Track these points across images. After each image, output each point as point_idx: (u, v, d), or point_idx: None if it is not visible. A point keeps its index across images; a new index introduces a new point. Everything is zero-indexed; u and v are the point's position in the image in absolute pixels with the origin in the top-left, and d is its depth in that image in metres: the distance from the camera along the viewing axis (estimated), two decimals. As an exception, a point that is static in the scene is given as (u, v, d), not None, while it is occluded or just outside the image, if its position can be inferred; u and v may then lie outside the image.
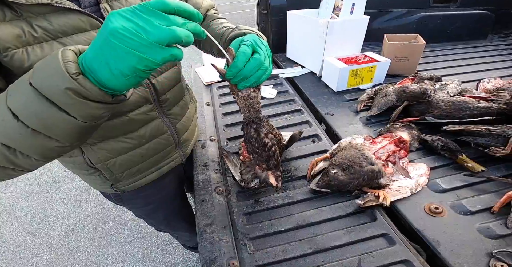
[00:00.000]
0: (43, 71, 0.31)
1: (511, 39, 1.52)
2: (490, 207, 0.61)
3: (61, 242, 1.74)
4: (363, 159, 0.62)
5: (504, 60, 1.25)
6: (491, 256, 0.52)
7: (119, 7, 0.51)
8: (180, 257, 1.60)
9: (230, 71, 0.44)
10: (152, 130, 0.63)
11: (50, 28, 0.41)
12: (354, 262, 0.55)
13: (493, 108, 0.71)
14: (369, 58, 1.09)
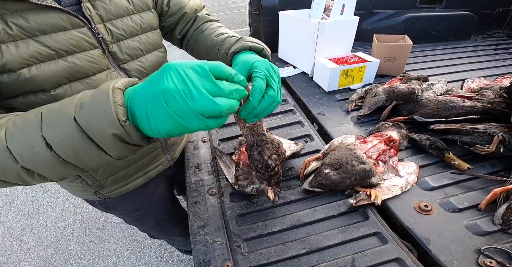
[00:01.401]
0: (91, 111, 0.30)
1: (494, 40, 1.57)
2: (477, 204, 0.62)
3: (50, 246, 1.67)
4: (355, 158, 0.62)
5: (487, 60, 1.29)
6: (479, 253, 0.53)
7: (102, 7, 0.48)
8: (174, 259, 1.57)
9: (245, 111, 0.39)
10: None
11: (27, 26, 0.39)
12: (347, 261, 0.55)
13: (477, 107, 0.73)
14: (359, 59, 1.10)
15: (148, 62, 0.58)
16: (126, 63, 0.54)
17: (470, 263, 0.52)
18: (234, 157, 0.73)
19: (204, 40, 0.63)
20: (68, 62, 0.44)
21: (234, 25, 5.36)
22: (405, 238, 0.59)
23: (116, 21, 0.51)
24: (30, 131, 0.31)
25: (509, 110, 0.70)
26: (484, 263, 0.51)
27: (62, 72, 0.44)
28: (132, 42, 0.54)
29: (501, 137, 0.65)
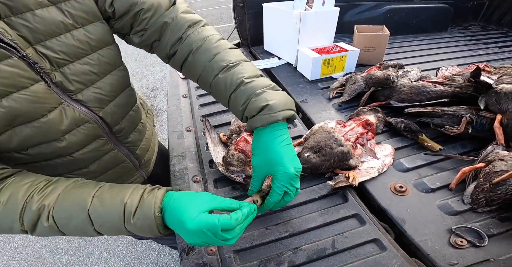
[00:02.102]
0: (140, 229, 0.40)
1: (469, 31, 1.62)
2: (449, 184, 0.63)
3: (38, 245, 1.63)
4: (333, 141, 0.63)
5: (462, 50, 1.32)
6: (451, 233, 0.54)
7: (22, 25, 0.36)
8: (166, 253, 1.56)
9: (261, 210, 0.50)
10: (106, 163, 0.55)
11: None
12: (328, 243, 0.56)
13: (448, 92, 0.75)
14: (341, 48, 1.11)
15: (108, 86, 0.47)
16: (80, 93, 0.44)
17: (443, 242, 0.53)
18: (223, 136, 0.72)
19: (203, 70, 0.48)
20: (3, 106, 0.34)
21: (223, 20, 5.26)
22: (383, 219, 0.61)
23: (50, 42, 0.39)
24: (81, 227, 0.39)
25: (476, 93, 0.72)
26: (455, 243, 0.52)
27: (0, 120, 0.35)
28: (80, 66, 0.42)
29: (469, 118, 0.67)
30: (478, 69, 0.68)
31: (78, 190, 0.40)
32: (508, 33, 1.56)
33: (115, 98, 0.51)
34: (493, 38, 1.48)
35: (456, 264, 0.49)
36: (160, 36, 0.49)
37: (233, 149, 0.65)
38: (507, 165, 0.56)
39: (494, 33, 1.56)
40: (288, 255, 0.54)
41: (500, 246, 0.51)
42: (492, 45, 1.38)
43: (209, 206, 0.40)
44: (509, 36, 1.51)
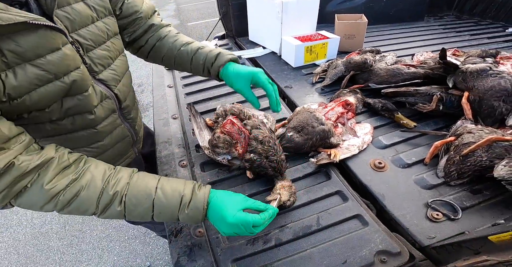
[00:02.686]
0: (188, 217, 0.47)
1: (444, 21, 1.68)
2: (423, 159, 0.66)
3: (29, 244, 1.57)
4: (315, 120, 0.64)
5: (436, 38, 1.37)
6: (428, 206, 0.56)
7: (65, 17, 0.43)
8: (160, 247, 1.54)
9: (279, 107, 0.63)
10: (116, 137, 0.61)
11: (20, 50, 0.37)
12: (313, 220, 0.57)
13: (420, 73, 0.79)
14: (322, 36, 1.12)
15: (118, 68, 0.57)
16: (101, 73, 0.52)
17: (421, 216, 0.55)
18: (209, 120, 0.72)
19: (168, 49, 0.65)
20: (65, 83, 0.43)
21: (210, 14, 5.15)
22: (364, 195, 0.62)
23: (82, 31, 0.47)
24: (144, 213, 0.45)
25: (446, 74, 0.76)
26: (432, 216, 0.54)
27: (59, 92, 0.43)
28: (101, 51, 0.51)
29: (440, 96, 0.71)
30: (443, 51, 0.71)
31: (143, 181, 0.46)
32: (479, 22, 1.63)
33: (122, 79, 0.59)
34: (465, 26, 1.55)
35: (434, 238, 0.51)
36: (142, 35, 0.65)
37: (219, 131, 0.65)
38: (474, 137, 0.60)
39: (466, 22, 1.63)
40: (275, 233, 0.55)
41: (473, 219, 0.54)
42: (464, 33, 1.44)
43: (243, 205, 0.48)
44: (480, 25, 1.58)
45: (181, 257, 0.52)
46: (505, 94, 0.65)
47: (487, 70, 0.68)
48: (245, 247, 0.54)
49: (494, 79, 0.66)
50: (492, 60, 0.72)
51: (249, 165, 0.60)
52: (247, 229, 0.46)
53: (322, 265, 0.49)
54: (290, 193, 0.56)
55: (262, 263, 0.51)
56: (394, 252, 0.50)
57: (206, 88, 1.00)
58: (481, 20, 1.66)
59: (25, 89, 0.38)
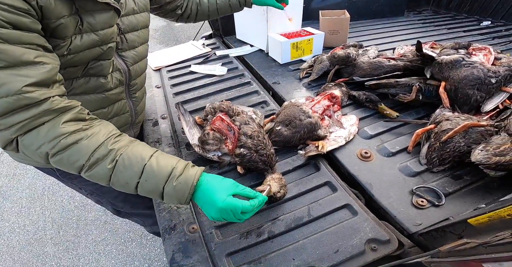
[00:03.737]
0: (175, 191, 0.45)
1: (423, 16, 1.72)
2: (407, 147, 0.68)
3: (23, 250, 1.52)
4: (302, 113, 0.64)
5: (416, 32, 1.41)
6: (412, 193, 0.57)
7: (119, 3, 0.53)
8: (157, 248, 1.52)
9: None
10: (116, 109, 0.64)
11: (93, 22, 0.48)
12: (304, 211, 0.57)
13: (399, 65, 0.81)
14: (308, 32, 1.13)
15: (140, 53, 0.65)
16: (125, 52, 0.61)
17: (407, 204, 0.56)
18: (198, 118, 0.71)
19: (210, 8, 0.86)
20: (103, 49, 0.52)
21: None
22: (353, 185, 0.63)
23: (124, 18, 0.58)
24: (130, 177, 0.44)
25: (423, 66, 0.78)
26: (417, 203, 0.55)
27: (98, 54, 0.52)
28: (132, 36, 0.61)
29: (419, 86, 0.73)
30: (419, 43, 0.73)
31: (142, 147, 0.47)
32: (455, 17, 1.68)
33: (140, 62, 0.66)
34: (443, 21, 1.59)
35: (421, 224, 0.52)
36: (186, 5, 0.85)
37: (209, 128, 0.64)
38: (452, 124, 0.62)
39: (443, 17, 1.68)
40: (268, 225, 0.56)
41: (456, 204, 0.55)
42: (442, 27, 1.48)
43: (234, 190, 0.48)
44: (456, 19, 1.63)
45: (175, 253, 0.52)
46: (478, 82, 0.67)
47: (460, 61, 0.70)
48: (239, 241, 0.54)
49: (467, 69, 0.68)
50: (465, 52, 0.75)
51: (239, 160, 0.60)
52: (235, 215, 0.46)
53: (315, 255, 0.50)
54: (280, 185, 0.57)
55: (256, 256, 0.51)
56: (384, 240, 0.51)
57: (194, 87, 0.99)
58: (457, 15, 1.71)
59: (82, 48, 0.48)
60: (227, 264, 0.50)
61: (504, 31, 1.38)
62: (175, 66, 1.16)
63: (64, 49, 0.45)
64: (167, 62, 1.18)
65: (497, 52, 0.79)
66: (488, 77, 0.67)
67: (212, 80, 1.02)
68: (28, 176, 1.97)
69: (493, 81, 0.67)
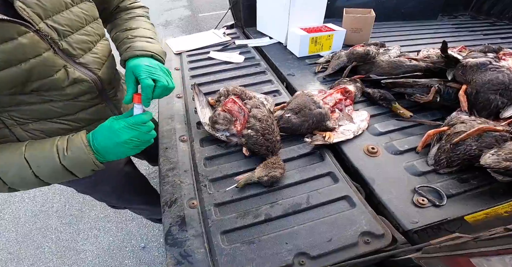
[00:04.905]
0: (74, 160, 0.48)
1: (458, 20, 1.69)
2: (416, 147, 0.70)
3: (28, 222, 1.66)
4: (312, 103, 0.68)
5: (447, 36, 1.39)
6: (415, 192, 0.59)
7: (35, 4, 0.45)
8: (156, 229, 1.60)
9: (146, 103, 0.55)
10: (92, 114, 0.63)
11: None
12: (303, 198, 0.61)
13: (421, 66, 0.83)
14: (328, 28, 1.16)
15: (101, 52, 0.60)
16: (82, 57, 0.55)
17: (407, 201, 0.58)
18: (211, 99, 0.78)
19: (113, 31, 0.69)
20: (22, 69, 0.45)
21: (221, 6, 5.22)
22: (355, 179, 0.66)
23: (56, 17, 0.49)
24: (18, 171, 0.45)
25: (446, 68, 0.79)
26: (417, 202, 0.57)
27: (19, 78, 0.45)
28: (80, 36, 0.54)
29: (437, 88, 0.74)
30: (444, 43, 0.75)
31: (11, 145, 0.48)
32: (495, 23, 1.63)
33: (106, 62, 0.62)
34: (480, 26, 1.56)
35: (417, 222, 0.54)
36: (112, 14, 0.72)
37: (220, 109, 0.70)
38: (466, 127, 0.63)
39: (482, 23, 1.63)
40: (266, 208, 0.59)
41: (456, 206, 0.56)
42: (477, 32, 1.45)
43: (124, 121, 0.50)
44: (496, 25, 1.58)
45: (172, 226, 0.56)
46: (502, 87, 0.68)
47: (486, 64, 0.71)
48: (236, 220, 0.58)
49: (493, 73, 0.69)
50: (494, 55, 0.75)
51: (245, 141, 0.65)
52: (142, 128, 0.50)
53: (308, 241, 0.53)
54: (267, 169, 0.60)
55: (251, 236, 0.55)
56: (378, 234, 0.53)
57: (211, 72, 1.06)
58: (498, 21, 1.66)
59: None
60: (221, 241, 0.54)
61: (547, 41, 1.33)
62: (195, 51, 1.24)
63: None
64: (188, 47, 1.27)
65: (529, 59, 0.78)
66: (513, 83, 0.68)
67: (228, 67, 1.08)
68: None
69: (517, 87, 0.67)
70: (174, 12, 5.12)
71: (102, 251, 1.51)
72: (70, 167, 0.48)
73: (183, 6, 5.45)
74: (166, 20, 4.72)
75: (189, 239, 0.54)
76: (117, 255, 1.50)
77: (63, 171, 0.48)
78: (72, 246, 1.53)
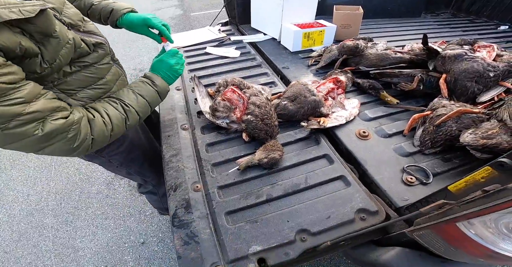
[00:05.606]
0: (161, 87, 0.69)
1: (440, 18, 1.79)
2: (403, 131, 0.76)
3: (23, 220, 1.63)
4: (307, 91, 0.73)
5: (429, 32, 1.48)
6: (403, 171, 0.64)
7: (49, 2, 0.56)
8: (154, 224, 1.60)
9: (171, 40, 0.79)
10: (114, 75, 0.73)
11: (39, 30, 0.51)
12: (302, 179, 0.65)
13: (405, 58, 0.90)
14: (320, 24, 1.22)
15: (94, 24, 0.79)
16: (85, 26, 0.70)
17: (397, 180, 0.63)
18: (211, 90, 0.81)
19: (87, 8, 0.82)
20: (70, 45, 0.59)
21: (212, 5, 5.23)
22: (349, 161, 0.71)
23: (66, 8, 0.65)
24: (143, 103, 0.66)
25: (428, 59, 0.85)
26: (407, 180, 0.62)
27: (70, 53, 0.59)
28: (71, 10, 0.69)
29: (420, 77, 0.80)
30: (425, 36, 0.81)
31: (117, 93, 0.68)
32: (474, 20, 1.74)
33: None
34: (460, 23, 1.66)
35: (408, 200, 0.59)
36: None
37: (220, 98, 0.74)
38: (447, 110, 0.69)
39: (462, 20, 1.74)
40: (267, 189, 0.63)
41: (442, 184, 0.59)
42: (457, 29, 1.55)
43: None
44: (474, 23, 1.69)
45: (178, 209, 0.58)
46: (477, 75, 0.74)
47: (463, 55, 0.78)
48: (239, 201, 0.61)
49: (468, 63, 0.76)
50: (469, 48, 0.82)
51: (245, 126, 0.69)
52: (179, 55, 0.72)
53: (308, 219, 0.57)
54: (267, 152, 0.64)
55: (253, 216, 0.58)
56: (373, 211, 0.57)
57: (208, 66, 1.10)
58: (476, 18, 1.77)
59: (55, 53, 0.54)
60: (226, 221, 0.57)
61: (520, 36, 1.44)
62: (191, 47, 1.28)
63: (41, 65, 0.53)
64: (184, 43, 1.30)
65: (500, 50, 0.86)
66: (487, 71, 0.75)
67: (225, 61, 1.12)
68: (37, 148, 2.11)
69: (491, 75, 0.74)
70: (165, 11, 5.10)
71: (100, 248, 1.50)
72: (160, 92, 0.69)
73: (174, 5, 5.43)
74: (157, 19, 4.69)
75: (195, 221, 0.56)
76: (116, 251, 1.49)
77: (157, 96, 0.68)
78: (70, 244, 1.51)
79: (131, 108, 0.64)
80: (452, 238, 0.47)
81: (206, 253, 0.51)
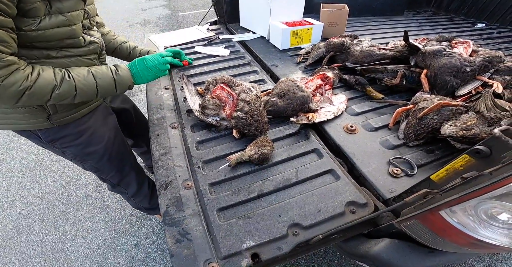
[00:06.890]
0: (122, 77, 0.71)
1: (422, 16, 1.84)
2: (388, 124, 0.78)
3: (9, 226, 1.56)
4: (296, 87, 0.74)
5: (411, 30, 1.52)
6: (389, 163, 0.66)
7: None
8: (147, 226, 1.58)
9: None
10: None
11: (61, 7, 0.61)
12: (292, 174, 0.65)
13: (389, 54, 0.92)
14: (308, 22, 1.23)
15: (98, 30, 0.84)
16: (93, 30, 0.78)
17: (384, 172, 0.64)
18: (200, 88, 0.80)
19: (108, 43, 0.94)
20: (73, 28, 0.65)
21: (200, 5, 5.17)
22: (338, 155, 0.72)
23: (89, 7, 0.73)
24: (91, 82, 0.67)
25: (410, 55, 0.88)
26: (393, 172, 0.63)
27: (66, 34, 0.64)
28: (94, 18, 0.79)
29: (403, 72, 0.83)
30: (406, 33, 0.84)
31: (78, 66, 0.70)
32: (453, 18, 1.80)
33: (102, 36, 0.82)
34: (440, 21, 1.72)
35: (394, 192, 0.60)
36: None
37: (210, 96, 0.73)
38: (428, 103, 0.72)
39: (441, 18, 1.80)
40: (258, 185, 0.63)
41: (426, 175, 0.60)
42: (437, 27, 1.60)
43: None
44: (453, 21, 1.75)
45: (169, 207, 0.57)
46: (455, 70, 0.77)
47: (441, 51, 0.80)
48: (230, 198, 0.60)
49: (447, 58, 0.79)
50: (447, 44, 0.85)
51: (235, 123, 0.69)
52: (161, 60, 0.75)
53: (300, 213, 0.57)
54: (257, 148, 0.64)
55: (245, 211, 0.58)
56: (362, 203, 0.58)
57: (198, 65, 1.09)
58: (455, 17, 1.84)
59: (51, 26, 0.60)
60: (218, 218, 0.56)
61: (496, 33, 1.50)
62: (180, 46, 1.26)
63: (33, 26, 0.58)
64: (173, 42, 1.28)
65: (476, 46, 0.90)
66: (464, 66, 0.78)
67: (214, 60, 1.11)
68: (22, 150, 2.01)
69: (468, 69, 0.77)
70: (152, 11, 4.99)
71: (92, 251, 1.46)
72: (118, 81, 0.70)
73: (161, 5, 5.33)
74: (144, 19, 4.58)
75: (187, 218, 0.56)
76: (108, 254, 1.46)
77: (113, 84, 0.69)
78: (60, 248, 1.47)
79: (72, 80, 0.64)
80: (437, 227, 0.48)
81: (199, 250, 0.50)
